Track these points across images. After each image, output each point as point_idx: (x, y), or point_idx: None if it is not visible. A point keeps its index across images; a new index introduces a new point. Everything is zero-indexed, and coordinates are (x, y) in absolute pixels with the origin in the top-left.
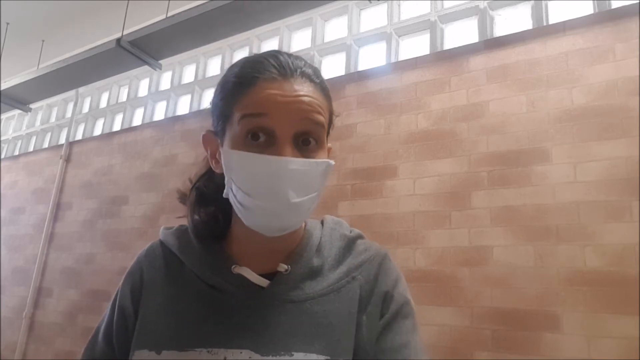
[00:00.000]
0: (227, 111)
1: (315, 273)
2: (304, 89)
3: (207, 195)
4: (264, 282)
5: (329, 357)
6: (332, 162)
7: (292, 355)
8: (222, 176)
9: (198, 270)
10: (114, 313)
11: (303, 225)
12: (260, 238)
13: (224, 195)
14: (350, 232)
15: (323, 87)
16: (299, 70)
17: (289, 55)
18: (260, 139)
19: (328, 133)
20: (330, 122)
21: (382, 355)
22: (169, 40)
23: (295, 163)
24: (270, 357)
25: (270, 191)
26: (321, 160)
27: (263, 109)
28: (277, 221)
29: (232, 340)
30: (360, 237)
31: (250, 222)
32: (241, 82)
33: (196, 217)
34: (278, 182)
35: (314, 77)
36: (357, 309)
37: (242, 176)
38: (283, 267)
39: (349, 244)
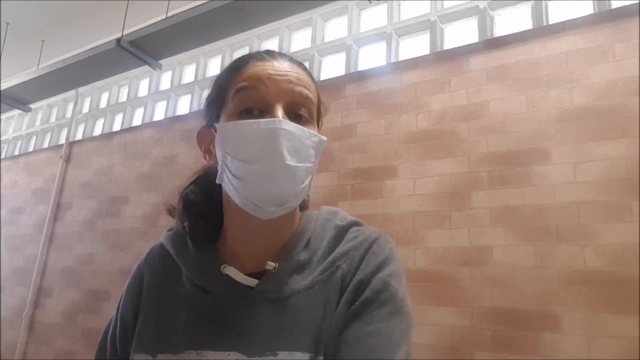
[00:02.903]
0: (221, 96)
1: (302, 267)
2: (293, 69)
3: (194, 201)
4: (252, 281)
5: (312, 355)
6: (325, 138)
7: (277, 354)
8: (209, 180)
9: (190, 272)
10: (117, 321)
11: (298, 219)
12: (252, 230)
13: (217, 181)
14: (344, 220)
15: (310, 74)
16: (287, 57)
17: (279, 52)
18: (254, 113)
19: (319, 122)
20: (319, 107)
21: (344, 345)
22: (169, 40)
23: (288, 124)
24: (256, 358)
25: (265, 151)
26: (314, 132)
27: (255, 81)
28: (273, 186)
29: (221, 342)
30: (355, 224)
31: (244, 198)
32: (234, 66)
33: (185, 223)
34: (272, 141)
35: (301, 65)
36: (337, 300)
37: (237, 144)
38: (271, 265)
39: (340, 233)
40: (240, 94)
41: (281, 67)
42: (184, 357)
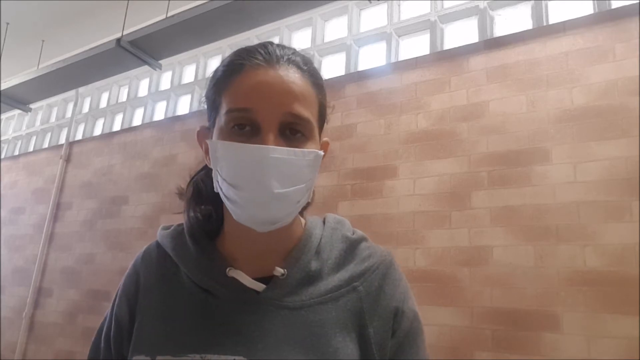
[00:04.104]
0: (217, 101)
1: (312, 277)
2: (289, 76)
3: (204, 191)
4: (259, 286)
5: None
6: (321, 152)
7: None
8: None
9: (192, 273)
10: (112, 320)
11: (302, 223)
12: (253, 236)
13: (214, 190)
14: (353, 233)
15: (312, 74)
16: (285, 57)
17: (279, 45)
18: (245, 129)
19: (322, 127)
20: (322, 113)
21: None
22: (169, 40)
23: (278, 151)
24: None
25: (252, 181)
26: (308, 150)
27: (247, 103)
28: (262, 213)
29: (226, 346)
30: (363, 239)
31: (237, 215)
32: (229, 70)
33: (192, 214)
34: (260, 171)
35: (301, 64)
36: (358, 323)
37: (226, 167)
38: (279, 271)
39: (352, 247)
40: (231, 114)
41: (277, 75)
42: None
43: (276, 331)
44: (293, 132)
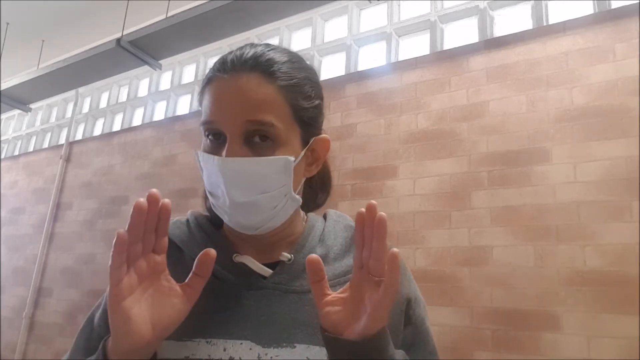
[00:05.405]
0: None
1: None
2: (250, 83)
3: None
4: (266, 271)
5: None
6: (291, 158)
7: (295, 346)
8: None
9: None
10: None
11: (304, 220)
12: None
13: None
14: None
15: (279, 77)
16: (249, 64)
17: (253, 44)
18: (220, 138)
19: (306, 128)
20: (298, 114)
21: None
22: (169, 40)
23: (237, 162)
24: (271, 349)
25: (218, 190)
26: (274, 157)
27: (211, 115)
28: (238, 218)
29: (232, 330)
30: None
31: (225, 220)
32: (204, 82)
33: (202, 208)
34: (221, 182)
35: (266, 67)
36: None
37: (205, 176)
38: (286, 256)
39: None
40: (204, 126)
41: (235, 88)
42: (191, 345)
43: (284, 315)
44: (263, 138)
